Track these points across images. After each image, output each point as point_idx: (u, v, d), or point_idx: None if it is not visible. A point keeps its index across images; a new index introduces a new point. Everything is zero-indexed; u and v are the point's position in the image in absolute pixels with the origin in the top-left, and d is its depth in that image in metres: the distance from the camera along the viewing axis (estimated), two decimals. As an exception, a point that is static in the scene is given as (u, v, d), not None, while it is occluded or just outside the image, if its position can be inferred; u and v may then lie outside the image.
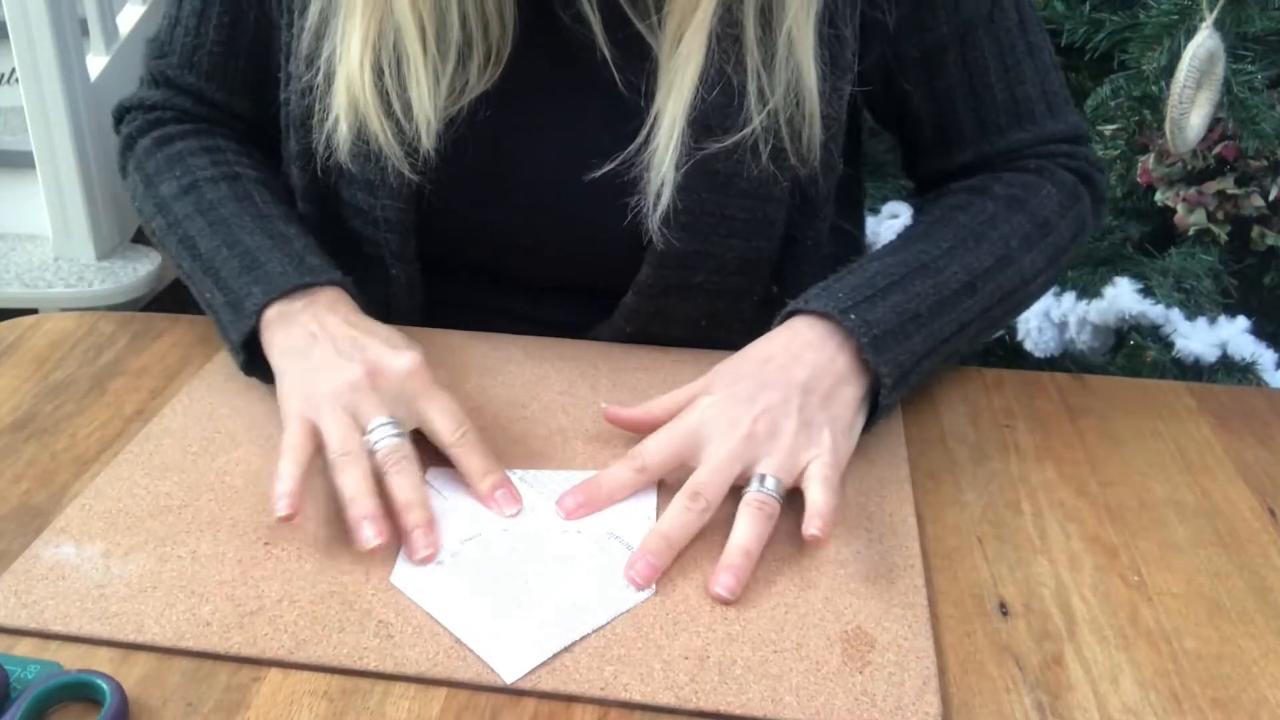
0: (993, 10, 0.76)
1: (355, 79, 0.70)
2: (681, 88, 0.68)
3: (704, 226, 0.73)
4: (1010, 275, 0.73)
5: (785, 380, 0.64)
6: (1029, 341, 1.38)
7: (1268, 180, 1.26)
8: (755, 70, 0.69)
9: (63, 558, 0.57)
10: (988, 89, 0.77)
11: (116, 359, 0.76)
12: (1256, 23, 1.16)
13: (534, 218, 0.77)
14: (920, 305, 0.68)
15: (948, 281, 0.69)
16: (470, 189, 0.76)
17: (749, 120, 0.69)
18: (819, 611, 0.55)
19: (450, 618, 0.53)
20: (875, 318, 0.66)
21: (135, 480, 0.63)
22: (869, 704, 0.50)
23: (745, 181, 0.72)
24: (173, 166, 0.79)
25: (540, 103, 0.75)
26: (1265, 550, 0.61)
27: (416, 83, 0.69)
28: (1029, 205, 0.75)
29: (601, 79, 0.71)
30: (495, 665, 0.51)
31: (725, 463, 0.61)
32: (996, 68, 0.77)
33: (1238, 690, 0.52)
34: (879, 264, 0.70)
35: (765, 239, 0.75)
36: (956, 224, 0.73)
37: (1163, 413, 0.73)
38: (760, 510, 0.58)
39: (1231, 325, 1.25)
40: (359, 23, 0.69)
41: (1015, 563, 0.59)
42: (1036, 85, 0.78)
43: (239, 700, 0.49)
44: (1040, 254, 0.75)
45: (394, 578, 0.56)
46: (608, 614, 0.54)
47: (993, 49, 0.76)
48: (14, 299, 1.59)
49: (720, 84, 0.69)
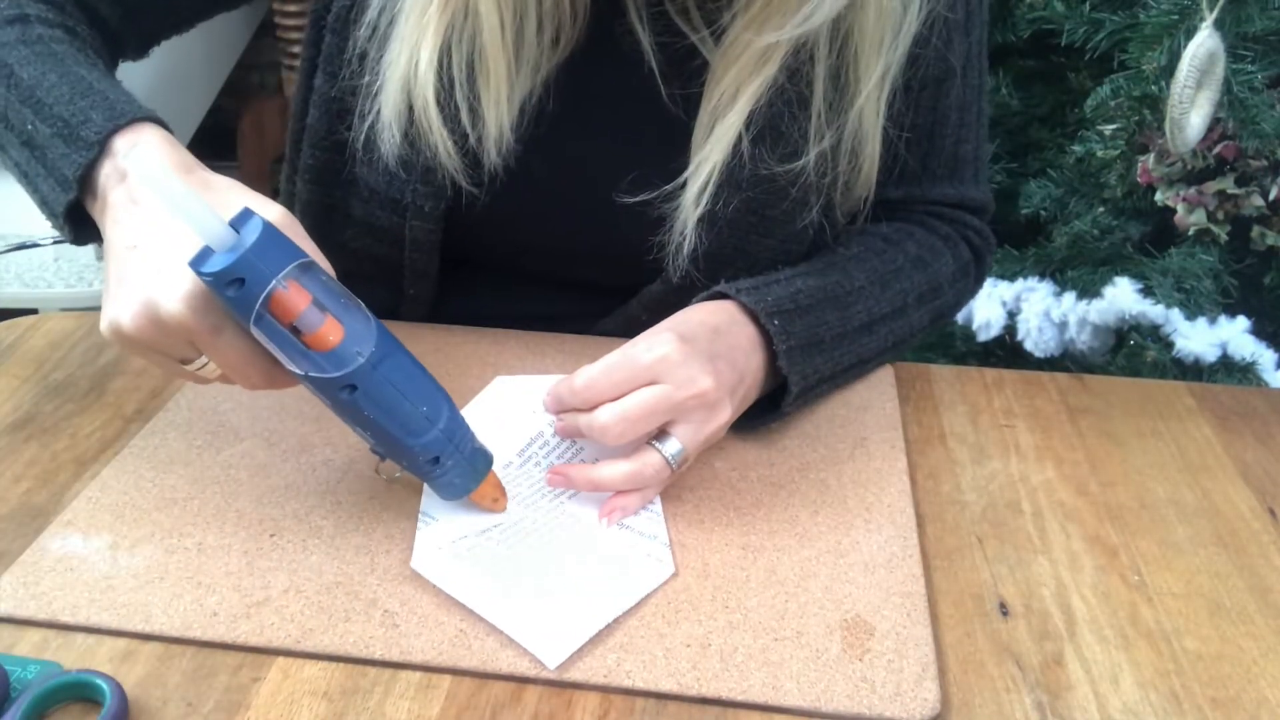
0: (966, 66, 0.77)
1: (419, 88, 0.67)
2: (723, 143, 0.68)
3: (725, 262, 0.73)
4: (901, 326, 0.75)
5: (734, 363, 0.64)
6: (1029, 341, 1.38)
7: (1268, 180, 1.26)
8: (818, 131, 0.70)
9: (70, 550, 0.57)
10: (942, 138, 0.79)
11: (116, 359, 0.76)
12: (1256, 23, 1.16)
13: (565, 228, 0.77)
14: (827, 333, 0.69)
15: (851, 319, 0.71)
16: (514, 192, 0.75)
17: (797, 177, 0.71)
18: (819, 600, 0.55)
19: (481, 605, 0.54)
20: (794, 330, 0.67)
21: (141, 473, 0.63)
22: (868, 691, 0.50)
23: (778, 227, 0.74)
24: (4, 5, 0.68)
25: (593, 109, 0.74)
26: (1265, 550, 0.61)
27: (494, 89, 0.68)
28: (930, 269, 0.78)
29: (655, 93, 0.71)
30: (539, 653, 0.51)
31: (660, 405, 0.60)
32: (955, 120, 0.79)
33: (1238, 690, 0.52)
34: (801, 282, 0.71)
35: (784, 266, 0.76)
36: (870, 266, 0.75)
37: (1163, 413, 0.73)
38: (655, 475, 0.60)
39: (1231, 325, 1.25)
40: (431, 28, 0.66)
41: (1015, 563, 0.59)
42: (973, 149, 0.81)
43: (239, 700, 0.49)
44: (926, 313, 0.78)
45: (414, 563, 0.56)
46: (634, 596, 0.55)
47: (957, 101, 0.78)
48: (14, 299, 1.59)
49: (772, 136, 0.70)
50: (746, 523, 0.61)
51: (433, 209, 0.73)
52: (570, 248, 0.78)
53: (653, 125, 0.72)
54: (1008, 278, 1.40)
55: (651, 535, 0.59)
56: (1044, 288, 1.37)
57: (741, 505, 0.62)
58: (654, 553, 0.58)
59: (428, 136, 0.69)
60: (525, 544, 0.58)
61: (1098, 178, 1.36)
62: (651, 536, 0.59)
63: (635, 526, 0.60)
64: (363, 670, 0.51)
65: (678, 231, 0.71)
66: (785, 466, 0.65)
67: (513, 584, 0.55)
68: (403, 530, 0.59)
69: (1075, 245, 1.36)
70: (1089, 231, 1.34)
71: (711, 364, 0.61)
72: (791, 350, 0.66)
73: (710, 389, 0.60)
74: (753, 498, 0.63)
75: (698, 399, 0.60)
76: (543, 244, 0.78)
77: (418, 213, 0.74)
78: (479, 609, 0.53)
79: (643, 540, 0.59)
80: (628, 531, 0.59)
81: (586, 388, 0.60)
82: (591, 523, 0.60)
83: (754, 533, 0.60)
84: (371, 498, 0.61)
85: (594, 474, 0.60)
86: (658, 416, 0.60)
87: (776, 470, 0.65)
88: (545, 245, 0.79)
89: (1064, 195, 1.38)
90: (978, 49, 0.78)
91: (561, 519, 0.60)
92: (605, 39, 0.71)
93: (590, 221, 0.75)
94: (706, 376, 0.61)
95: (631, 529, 0.60)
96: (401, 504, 0.61)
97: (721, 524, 0.60)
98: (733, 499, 0.62)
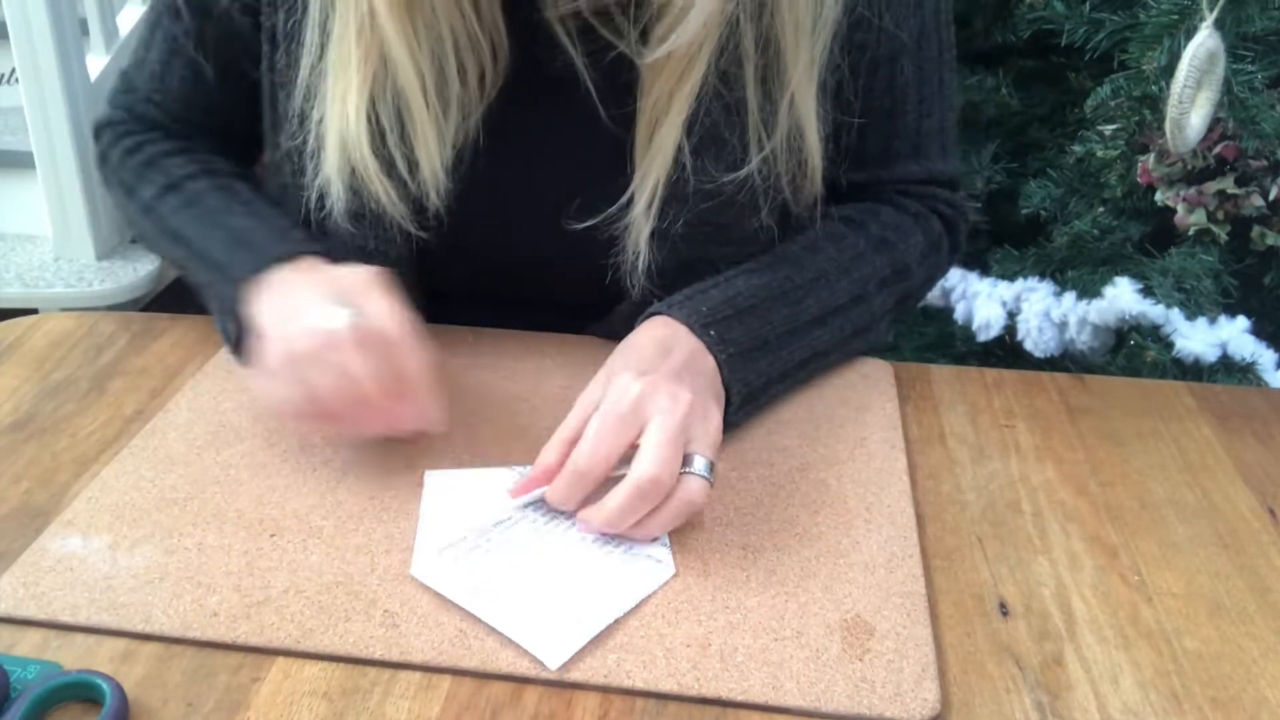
0: (920, 38, 0.76)
1: (352, 141, 0.68)
2: (664, 153, 0.68)
3: (685, 272, 0.72)
4: (860, 313, 0.75)
5: (696, 370, 0.64)
6: (1029, 341, 1.38)
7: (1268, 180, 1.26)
8: (755, 131, 0.70)
9: (70, 550, 0.57)
10: (902, 115, 0.78)
11: (116, 359, 0.76)
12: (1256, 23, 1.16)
13: (523, 256, 0.77)
14: (771, 333, 0.69)
15: (801, 314, 0.71)
16: (468, 230, 0.75)
17: (743, 183, 0.70)
18: (819, 600, 0.55)
19: (481, 609, 0.54)
20: (732, 337, 0.67)
21: (141, 473, 0.63)
22: (868, 691, 0.50)
23: (734, 232, 0.73)
24: (148, 170, 0.78)
25: (533, 140, 0.73)
26: (1265, 550, 0.61)
27: (423, 140, 0.68)
28: (895, 250, 0.77)
29: (593, 113, 0.70)
30: (540, 655, 0.51)
31: (676, 435, 0.59)
32: (914, 96, 0.78)
33: (1238, 690, 0.52)
34: (743, 282, 0.70)
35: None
36: (825, 255, 0.74)
37: (1163, 413, 0.73)
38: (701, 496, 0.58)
39: (1231, 325, 1.25)
40: (354, 84, 0.67)
41: (1015, 563, 0.59)
42: (938, 122, 0.80)
43: (239, 700, 0.49)
44: (891, 296, 0.77)
45: (413, 570, 0.56)
46: (635, 597, 0.55)
47: (914, 76, 0.77)
48: (14, 299, 1.60)
49: (713, 144, 0.70)
50: (746, 523, 0.61)
51: (397, 254, 0.73)
52: (534, 274, 0.78)
53: (594, 148, 0.71)
54: (1008, 278, 1.40)
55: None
56: (1044, 288, 1.37)
57: (741, 505, 0.62)
58: (654, 554, 0.58)
59: (370, 186, 0.69)
60: (525, 547, 0.58)
61: (1098, 178, 1.36)
62: (651, 538, 0.59)
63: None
64: (363, 670, 0.51)
65: (630, 250, 0.70)
66: (785, 466, 0.65)
67: (513, 587, 0.55)
68: (403, 530, 0.59)
69: (1075, 245, 1.36)
70: (1089, 231, 1.34)
71: (678, 379, 0.61)
72: (732, 359, 0.66)
73: (694, 399, 0.60)
74: (753, 498, 0.63)
75: (689, 411, 0.60)
76: (508, 272, 0.79)
77: (382, 259, 0.73)
78: (480, 613, 0.53)
79: (643, 541, 0.59)
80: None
81: (590, 466, 0.58)
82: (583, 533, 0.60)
83: (754, 533, 0.60)
84: (371, 498, 0.62)
85: (651, 524, 0.58)
86: (678, 447, 0.58)
87: (776, 470, 0.65)
88: (511, 274, 0.79)
89: (1064, 195, 1.38)
90: (933, 20, 0.77)
91: (561, 521, 0.60)
92: (533, 68, 0.70)
93: (546, 249, 0.75)
94: (684, 390, 0.60)
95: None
96: (401, 504, 0.61)
97: (721, 524, 0.60)
98: (733, 499, 0.62)
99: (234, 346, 0.69)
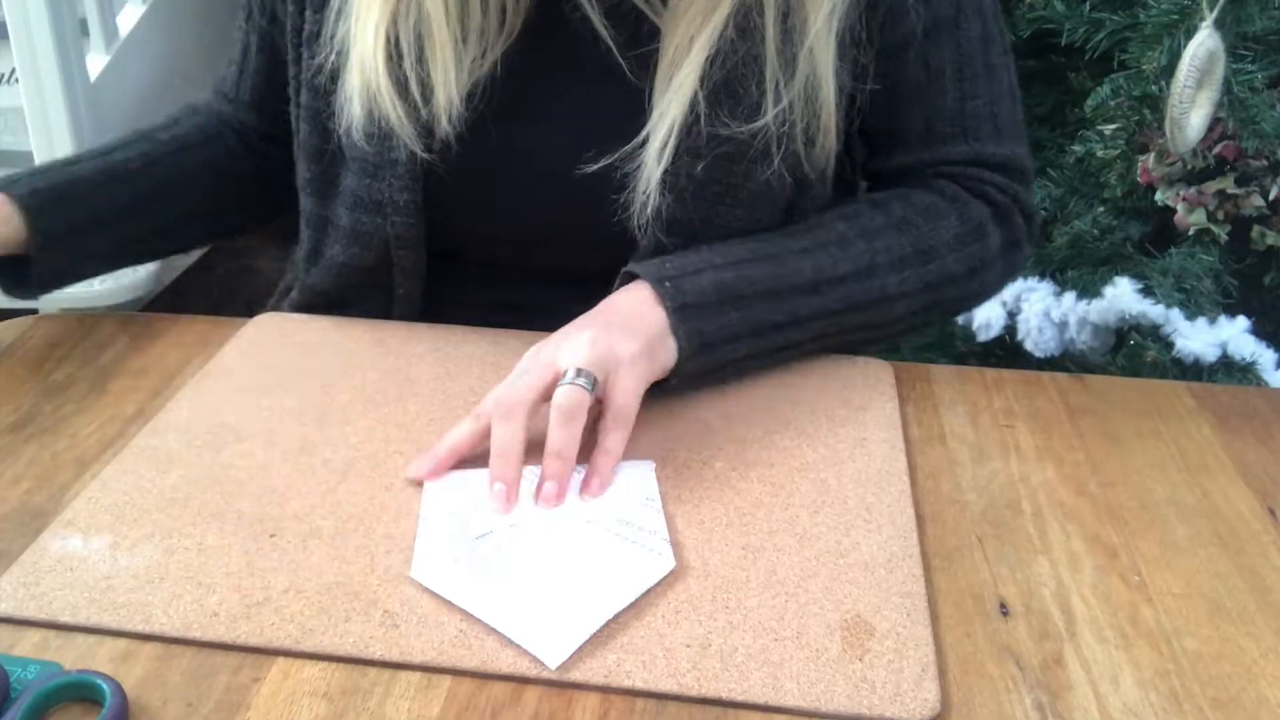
0: (958, 16, 0.76)
1: (369, 60, 0.71)
2: (682, 94, 0.68)
3: (693, 233, 0.73)
4: (867, 288, 0.73)
5: (627, 319, 0.66)
6: (1029, 341, 1.38)
7: (1268, 180, 1.26)
8: (774, 79, 0.69)
9: (70, 550, 0.57)
10: (940, 94, 0.77)
11: (116, 359, 0.76)
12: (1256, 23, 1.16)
13: (533, 208, 0.77)
14: (747, 288, 0.69)
15: (789, 275, 0.70)
16: (479, 171, 0.76)
17: (758, 132, 0.70)
18: (819, 600, 0.55)
19: (481, 609, 0.54)
20: (689, 288, 0.67)
21: (141, 473, 0.63)
22: (869, 691, 0.50)
23: (744, 191, 0.72)
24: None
25: (550, 87, 0.75)
26: (1265, 550, 0.61)
27: (442, 64, 0.70)
28: (919, 230, 0.75)
29: (611, 67, 0.71)
30: (539, 654, 0.51)
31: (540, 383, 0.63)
32: (952, 74, 0.77)
33: (1238, 690, 0.52)
34: (728, 247, 0.71)
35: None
36: (830, 229, 0.74)
37: (1163, 413, 0.73)
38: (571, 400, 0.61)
39: (1231, 325, 1.25)
40: (378, 2, 0.70)
41: (1015, 563, 0.59)
42: (987, 105, 0.78)
43: (239, 700, 0.49)
44: (914, 278, 0.74)
45: (413, 572, 0.56)
46: (635, 591, 0.55)
47: (952, 54, 0.76)
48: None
49: (728, 93, 0.69)
50: (746, 523, 0.61)
51: (408, 202, 0.75)
52: (543, 232, 0.78)
53: (610, 102, 0.72)
54: (1008, 277, 1.40)
55: (650, 530, 0.59)
56: (1044, 288, 1.37)
57: (741, 505, 0.62)
58: (654, 547, 0.58)
59: (382, 104, 0.71)
60: (523, 545, 0.58)
61: (1098, 178, 1.36)
62: (651, 531, 0.59)
63: (634, 521, 0.60)
64: (363, 670, 0.51)
65: (641, 191, 0.70)
66: (785, 466, 0.65)
67: (512, 585, 0.55)
68: (403, 530, 0.59)
69: (1075, 245, 1.36)
70: (1089, 231, 1.34)
71: (580, 324, 0.65)
72: (685, 309, 0.66)
73: (595, 333, 0.63)
74: (753, 498, 0.63)
75: (560, 335, 0.64)
76: (516, 230, 0.79)
77: (395, 208, 0.75)
78: (479, 613, 0.53)
79: (642, 535, 0.59)
80: (627, 526, 0.60)
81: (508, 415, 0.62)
82: (589, 520, 0.60)
83: (754, 533, 0.60)
84: (371, 498, 0.62)
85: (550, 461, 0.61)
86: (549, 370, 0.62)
87: (776, 470, 0.65)
88: (519, 232, 0.79)
89: (1064, 195, 1.38)
90: (972, 1, 0.76)
91: (559, 519, 0.60)
92: (555, 19, 0.72)
93: (557, 200, 0.76)
94: (587, 333, 0.64)
95: (630, 524, 0.60)
96: (401, 504, 0.61)
97: (721, 524, 0.60)
98: (733, 499, 0.62)
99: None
